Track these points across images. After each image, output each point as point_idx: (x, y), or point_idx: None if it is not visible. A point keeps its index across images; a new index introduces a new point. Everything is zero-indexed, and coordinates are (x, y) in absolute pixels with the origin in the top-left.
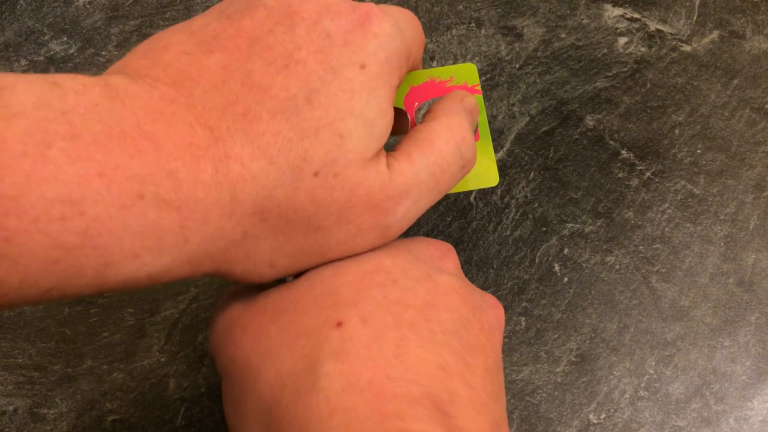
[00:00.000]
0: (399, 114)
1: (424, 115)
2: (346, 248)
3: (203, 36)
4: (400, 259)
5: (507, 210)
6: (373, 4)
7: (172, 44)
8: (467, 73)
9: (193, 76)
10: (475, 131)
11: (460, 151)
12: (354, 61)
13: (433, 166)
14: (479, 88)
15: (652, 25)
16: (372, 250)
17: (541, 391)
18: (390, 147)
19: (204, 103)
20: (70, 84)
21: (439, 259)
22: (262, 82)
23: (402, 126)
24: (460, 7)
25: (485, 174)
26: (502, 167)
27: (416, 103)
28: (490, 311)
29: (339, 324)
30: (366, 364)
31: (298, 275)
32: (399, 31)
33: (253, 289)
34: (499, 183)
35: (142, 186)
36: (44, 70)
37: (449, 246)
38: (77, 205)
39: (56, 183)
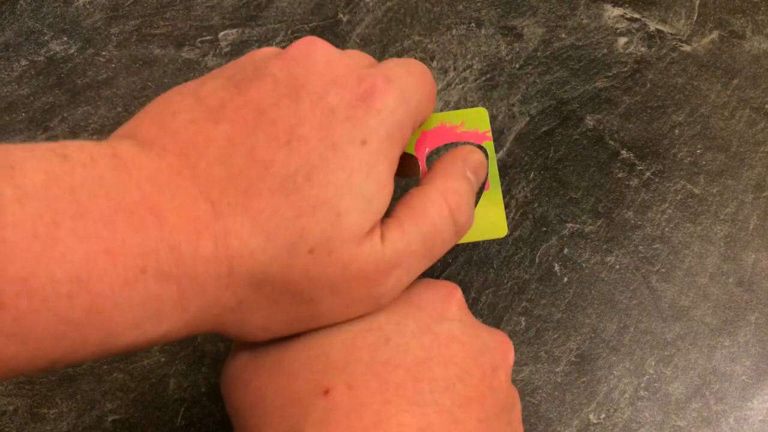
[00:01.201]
0: (410, 159)
1: (424, 175)
2: (339, 315)
3: (211, 103)
4: (396, 314)
5: (507, 210)
6: (381, 74)
7: (180, 111)
8: (478, 118)
9: (199, 147)
10: (485, 181)
11: (453, 218)
12: (355, 137)
13: (425, 235)
14: (490, 134)
15: (652, 25)
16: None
17: (541, 391)
18: (399, 189)
19: (208, 176)
20: (79, 156)
21: (441, 303)
22: (265, 158)
23: (412, 170)
24: (460, 7)
25: (493, 225)
26: (502, 167)
27: (427, 149)
28: (496, 351)
29: (326, 392)
30: (345, 431)
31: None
32: (403, 102)
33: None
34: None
35: (145, 261)
36: (44, 70)
37: (453, 286)
38: (84, 283)
39: (65, 263)
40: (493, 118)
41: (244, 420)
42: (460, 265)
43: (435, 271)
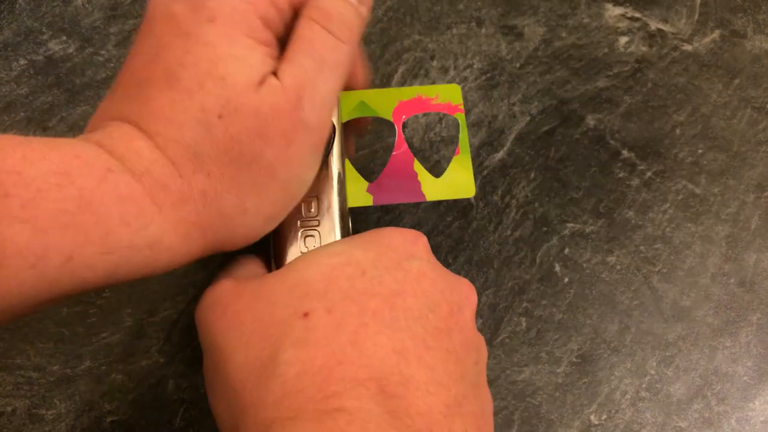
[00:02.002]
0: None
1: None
2: (290, 162)
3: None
4: (371, 252)
5: (507, 210)
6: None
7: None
8: (452, 92)
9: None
10: (456, 145)
11: (328, 27)
12: (201, 17)
13: (313, 53)
14: (462, 107)
15: (653, 25)
16: (343, 242)
17: (542, 392)
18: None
19: (126, 103)
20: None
21: (410, 244)
22: (143, 73)
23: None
24: (461, 6)
25: (462, 186)
26: (503, 167)
27: (403, 116)
28: (461, 292)
29: (305, 314)
30: (322, 350)
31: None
32: None
33: (243, 270)
34: (476, 193)
35: (109, 164)
36: (43, 70)
37: (419, 233)
38: (68, 176)
39: (45, 161)
40: (493, 118)
41: (219, 345)
42: (460, 265)
43: None
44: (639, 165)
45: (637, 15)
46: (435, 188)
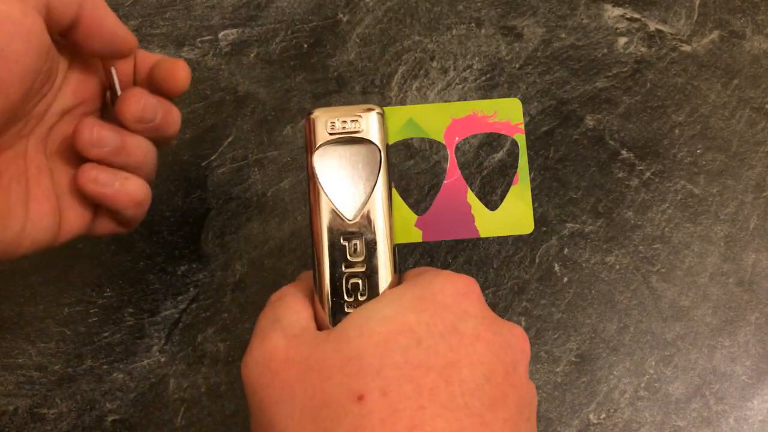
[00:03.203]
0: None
1: None
2: None
3: None
4: (425, 313)
5: None
6: None
7: None
8: (511, 109)
9: None
10: (514, 172)
11: None
12: None
13: None
14: (522, 126)
15: (652, 25)
16: (393, 301)
17: (541, 390)
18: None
19: None
20: None
21: (464, 299)
22: None
23: None
24: (460, 7)
25: (519, 221)
26: (503, 167)
27: (457, 138)
28: (516, 346)
29: (360, 398)
30: None
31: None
32: None
33: (290, 315)
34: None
35: None
36: None
37: (472, 281)
38: None
39: None
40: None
41: (269, 414)
42: (460, 265)
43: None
44: (638, 165)
45: (636, 16)
46: (490, 223)
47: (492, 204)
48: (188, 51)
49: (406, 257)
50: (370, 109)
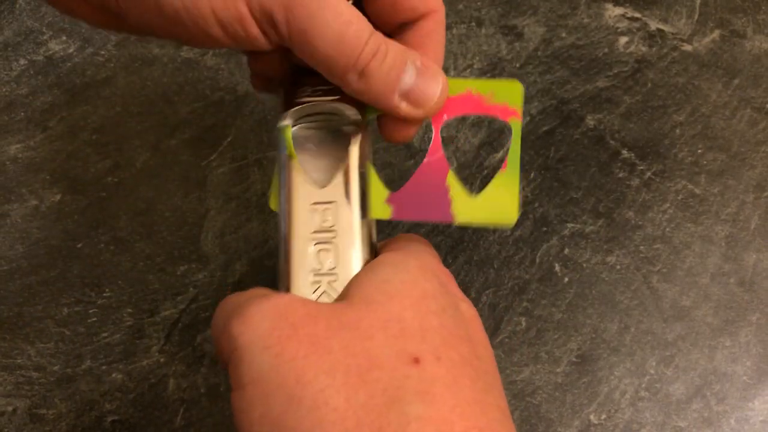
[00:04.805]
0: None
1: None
2: None
3: None
4: (434, 282)
5: None
6: None
7: None
8: (511, 92)
9: None
10: (503, 157)
11: None
12: None
13: None
14: (520, 112)
15: (653, 25)
16: (397, 265)
17: (541, 391)
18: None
19: None
20: None
21: (450, 282)
22: None
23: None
24: (461, 6)
25: (503, 210)
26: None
27: (445, 116)
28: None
29: (416, 360)
30: (453, 410)
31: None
32: None
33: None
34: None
35: None
36: (43, 70)
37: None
38: None
39: None
40: (493, 118)
41: (296, 370)
42: (460, 265)
43: None
44: (639, 165)
45: (637, 15)
46: (467, 209)
47: (474, 188)
48: (187, 50)
49: None
50: None
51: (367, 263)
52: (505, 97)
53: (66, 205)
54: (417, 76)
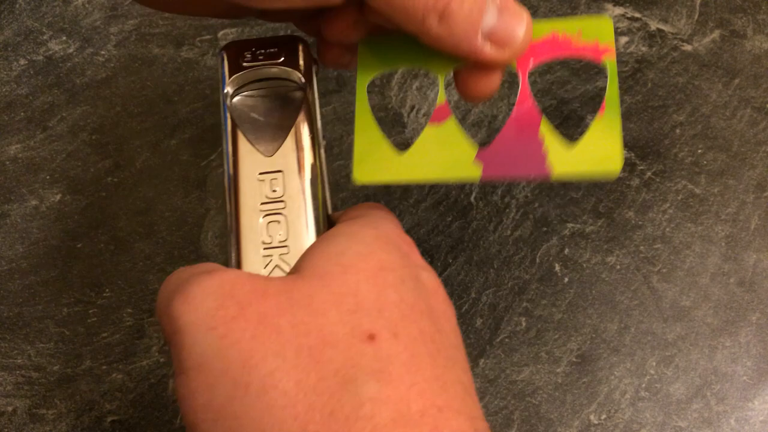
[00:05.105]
0: None
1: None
2: None
3: None
4: (394, 254)
5: (507, 210)
6: None
7: None
8: (601, 29)
9: None
10: (601, 100)
11: None
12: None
13: None
14: (613, 47)
15: (653, 25)
16: (351, 235)
17: (541, 391)
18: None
19: None
20: None
21: (411, 251)
22: None
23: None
24: None
25: (606, 157)
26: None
27: (532, 60)
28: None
29: (371, 337)
30: (411, 389)
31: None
32: None
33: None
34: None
35: None
36: (43, 70)
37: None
38: None
39: None
40: (493, 118)
41: (243, 353)
42: (460, 265)
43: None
44: (639, 165)
45: (637, 15)
46: (565, 160)
47: (571, 137)
48: (187, 50)
49: None
50: (292, 40)
51: (321, 235)
52: (595, 35)
53: (66, 205)
54: (499, 15)
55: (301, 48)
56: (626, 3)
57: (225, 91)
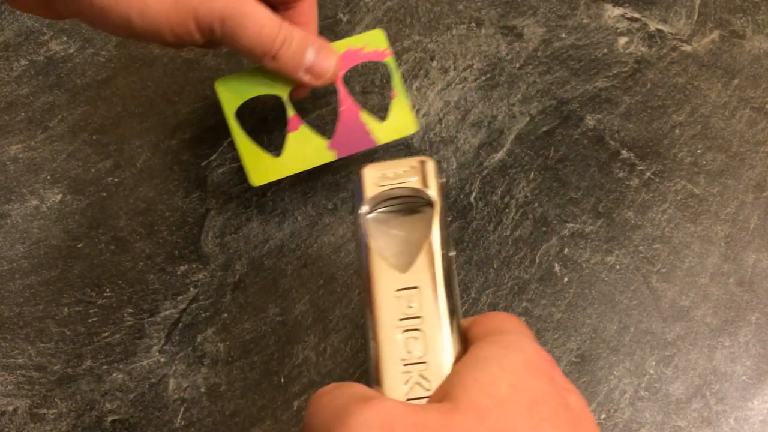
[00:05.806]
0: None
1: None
2: None
3: None
4: (542, 380)
5: (507, 210)
6: None
7: None
8: (377, 39)
9: None
10: (391, 90)
11: None
12: None
13: None
14: (390, 51)
15: (653, 25)
16: (500, 361)
17: None
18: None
19: None
20: None
21: (555, 372)
22: None
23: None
24: (460, 6)
25: (406, 124)
26: (503, 167)
27: (341, 72)
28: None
29: None
30: None
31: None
32: None
33: (359, 388)
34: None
35: None
36: (43, 70)
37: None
38: None
39: None
40: (493, 118)
41: None
42: (460, 265)
43: None
44: (638, 165)
45: (637, 15)
46: (383, 131)
47: (381, 117)
48: (187, 51)
49: None
50: (422, 161)
51: (456, 348)
52: (375, 44)
53: (66, 205)
54: (316, 55)
55: (430, 167)
56: (626, 3)
57: (362, 209)
